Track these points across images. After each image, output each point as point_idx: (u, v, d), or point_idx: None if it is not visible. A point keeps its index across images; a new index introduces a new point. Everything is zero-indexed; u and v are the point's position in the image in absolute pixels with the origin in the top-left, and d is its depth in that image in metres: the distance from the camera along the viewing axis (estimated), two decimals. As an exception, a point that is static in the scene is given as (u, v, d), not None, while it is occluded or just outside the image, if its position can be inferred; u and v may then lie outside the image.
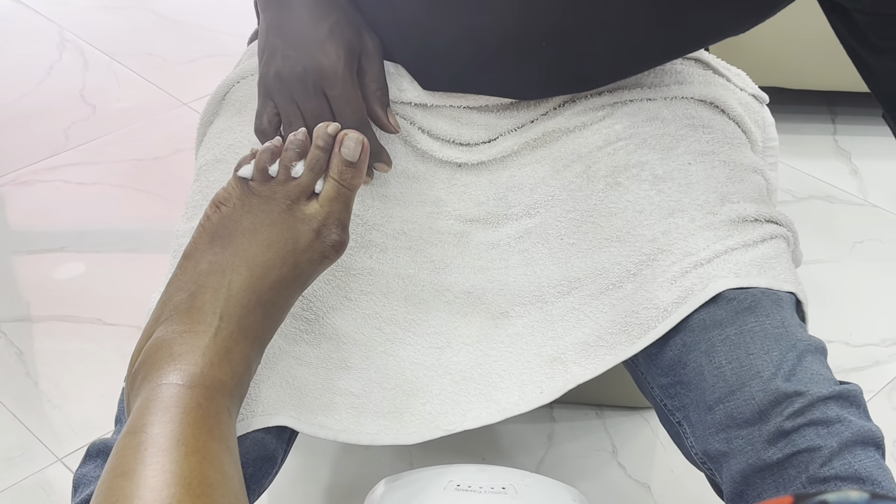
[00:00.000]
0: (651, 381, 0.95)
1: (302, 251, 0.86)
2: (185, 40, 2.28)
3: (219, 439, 0.75)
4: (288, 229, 0.86)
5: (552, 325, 0.98)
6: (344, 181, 0.87)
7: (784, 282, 0.92)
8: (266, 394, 0.90)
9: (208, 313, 0.81)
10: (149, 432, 0.73)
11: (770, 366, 0.86)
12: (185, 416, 0.74)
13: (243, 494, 0.75)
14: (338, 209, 0.87)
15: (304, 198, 0.87)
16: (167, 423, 0.73)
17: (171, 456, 0.71)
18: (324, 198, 0.87)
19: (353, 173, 0.87)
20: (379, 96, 0.98)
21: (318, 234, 0.86)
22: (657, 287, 0.92)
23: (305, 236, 0.86)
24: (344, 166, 0.87)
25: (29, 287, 1.70)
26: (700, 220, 0.94)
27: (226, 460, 0.74)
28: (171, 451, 0.71)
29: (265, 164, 0.86)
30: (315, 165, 0.87)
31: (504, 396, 0.96)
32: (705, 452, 0.89)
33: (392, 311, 0.99)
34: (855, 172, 1.93)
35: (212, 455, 0.73)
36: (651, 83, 1.02)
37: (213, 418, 0.76)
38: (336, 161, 0.87)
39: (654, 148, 0.98)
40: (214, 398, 0.77)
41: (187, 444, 0.72)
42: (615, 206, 0.97)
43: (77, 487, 0.88)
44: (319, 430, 0.92)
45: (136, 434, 0.73)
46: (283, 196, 0.86)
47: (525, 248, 1.01)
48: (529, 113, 1.03)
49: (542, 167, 1.02)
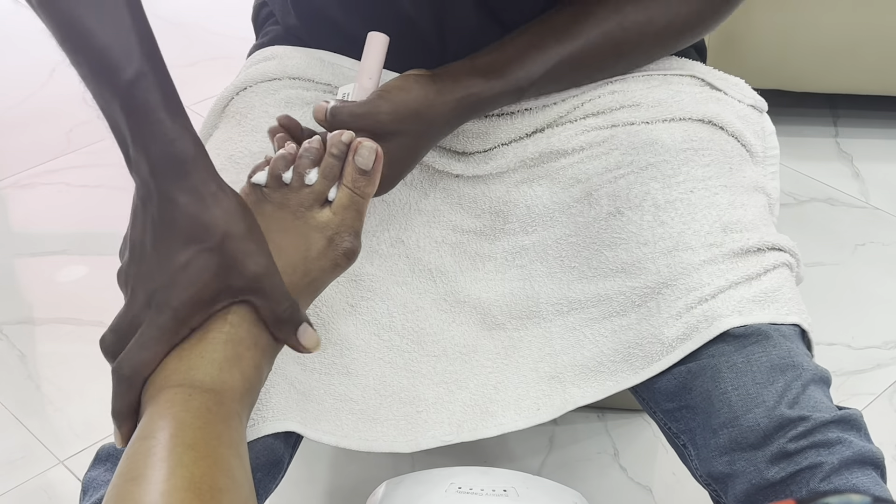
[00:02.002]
0: (654, 405, 0.95)
1: (314, 259, 0.85)
2: (187, 43, 2.29)
3: (228, 444, 0.75)
4: (300, 237, 0.85)
5: (550, 341, 0.98)
6: (357, 189, 0.86)
7: (787, 314, 0.92)
8: (275, 399, 0.90)
9: (218, 319, 0.81)
10: (158, 437, 0.73)
11: (775, 394, 0.87)
12: (195, 422, 0.74)
13: (253, 500, 0.75)
14: (350, 217, 0.87)
15: (318, 205, 0.86)
16: (177, 428, 0.73)
17: (181, 461, 0.71)
18: (337, 205, 0.86)
19: (366, 181, 0.87)
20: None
21: (331, 242, 0.86)
22: (662, 322, 0.93)
23: (318, 244, 0.86)
24: (357, 174, 0.86)
25: (31, 290, 1.70)
26: (703, 254, 0.94)
27: (235, 465, 0.74)
28: (181, 457, 0.71)
29: (279, 171, 0.86)
30: (329, 173, 0.86)
31: (500, 409, 0.97)
32: (709, 474, 0.89)
33: (390, 317, 0.99)
34: (857, 175, 1.93)
35: (222, 460, 0.73)
36: (648, 103, 1.02)
37: (223, 423, 0.76)
38: (350, 169, 0.86)
39: (655, 177, 0.98)
40: (224, 403, 0.77)
41: (197, 450, 0.72)
42: (618, 237, 0.97)
43: (86, 491, 0.88)
44: (324, 436, 0.93)
45: (147, 439, 0.73)
46: (296, 203, 0.86)
47: (522, 264, 1.01)
48: (525, 124, 1.02)
49: (539, 187, 1.01)
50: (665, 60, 1.06)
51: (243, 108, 1.05)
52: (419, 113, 0.92)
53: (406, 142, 0.93)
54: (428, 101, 0.93)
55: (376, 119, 0.91)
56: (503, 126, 1.02)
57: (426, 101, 0.93)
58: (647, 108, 1.02)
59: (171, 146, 0.78)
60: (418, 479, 0.99)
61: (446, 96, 0.93)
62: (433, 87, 0.93)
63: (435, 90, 0.93)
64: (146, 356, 0.77)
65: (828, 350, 1.55)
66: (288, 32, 1.09)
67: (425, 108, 0.93)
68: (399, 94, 0.92)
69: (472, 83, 0.94)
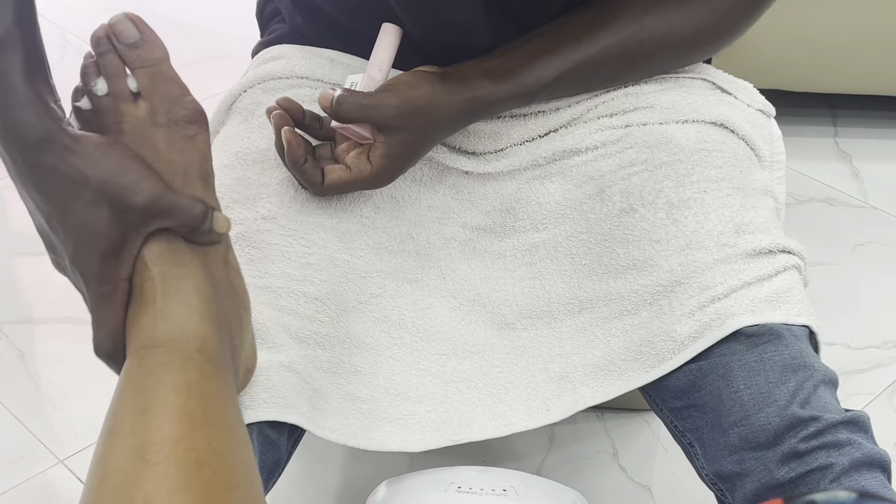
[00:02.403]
0: (661, 403, 0.95)
1: (168, 151, 0.79)
2: (188, 42, 2.29)
3: (185, 390, 0.71)
4: (142, 144, 0.79)
5: (560, 341, 0.98)
6: (148, 62, 0.81)
7: (798, 315, 0.93)
8: (286, 388, 0.89)
9: (141, 267, 0.77)
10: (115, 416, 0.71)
11: (787, 394, 0.87)
12: (146, 383, 0.71)
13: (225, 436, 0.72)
14: (164, 88, 0.80)
15: (131, 105, 0.80)
16: (128, 400, 0.71)
17: (130, 431, 0.69)
18: (144, 88, 0.80)
19: (147, 48, 0.81)
20: None
21: (170, 124, 0.80)
22: (674, 320, 0.93)
23: (159, 136, 0.79)
24: (132, 50, 0.80)
25: (30, 289, 1.70)
26: (716, 253, 0.94)
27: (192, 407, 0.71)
28: (130, 427, 0.69)
29: (77, 102, 0.81)
30: (111, 69, 0.81)
31: (509, 409, 0.97)
32: (717, 473, 0.89)
33: (400, 315, 0.99)
34: (856, 175, 1.93)
35: (175, 410, 0.70)
36: (661, 105, 1.02)
37: (176, 372, 0.72)
38: (124, 51, 0.80)
39: (669, 175, 0.98)
40: (178, 349, 0.74)
41: (146, 412, 0.69)
42: (631, 234, 0.97)
43: None
44: (331, 434, 0.92)
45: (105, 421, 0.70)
46: (113, 121, 0.80)
47: (532, 262, 1.01)
48: (538, 125, 1.02)
49: (551, 184, 1.01)
50: None
51: (251, 105, 1.05)
52: (425, 110, 0.92)
53: (409, 138, 0.93)
54: (435, 100, 0.92)
55: (381, 112, 0.91)
56: (516, 127, 1.02)
57: (433, 99, 0.92)
58: (661, 110, 1.02)
59: (21, 111, 0.75)
60: (418, 478, 0.99)
61: (454, 96, 0.93)
62: (441, 86, 0.93)
63: (443, 89, 0.93)
64: (106, 329, 0.76)
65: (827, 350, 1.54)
66: (294, 31, 1.09)
67: (432, 105, 0.92)
68: (406, 90, 0.92)
69: (481, 85, 0.94)
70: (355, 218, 0.99)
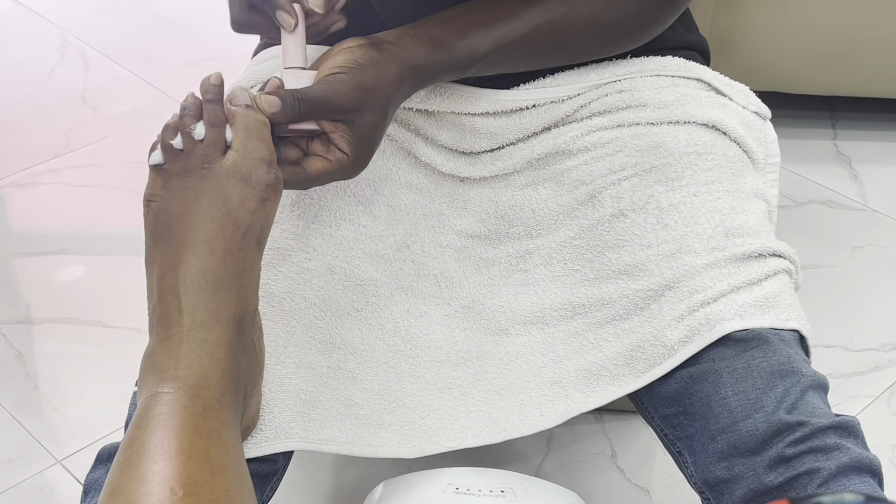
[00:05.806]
0: (652, 410, 0.95)
1: (237, 206, 0.82)
2: (187, 43, 2.29)
3: (206, 435, 0.74)
4: (215, 193, 0.82)
5: (553, 347, 0.98)
6: (250, 120, 0.84)
7: (787, 319, 0.93)
8: (278, 419, 0.91)
9: (174, 314, 0.79)
10: (135, 447, 0.73)
11: (774, 400, 0.87)
12: (169, 421, 0.74)
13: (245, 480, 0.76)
14: (255, 147, 0.83)
15: (219, 154, 0.83)
16: (151, 433, 0.74)
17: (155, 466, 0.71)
18: (237, 143, 0.83)
19: (255, 112, 0.84)
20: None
21: (247, 181, 0.82)
22: (664, 325, 0.93)
23: (235, 189, 0.82)
24: (239, 108, 0.84)
25: (29, 289, 1.70)
26: (706, 257, 0.94)
27: (214, 454, 0.73)
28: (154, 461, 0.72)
29: (169, 140, 0.84)
30: (214, 118, 0.84)
31: (503, 415, 0.97)
32: (705, 481, 0.90)
33: (395, 322, 0.99)
34: (855, 177, 1.93)
35: (197, 453, 0.73)
36: (654, 104, 1.02)
37: (198, 416, 0.75)
38: (230, 107, 0.84)
39: (659, 180, 0.98)
40: (199, 395, 0.76)
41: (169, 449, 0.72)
42: (622, 239, 0.97)
43: (88, 493, 0.89)
44: (324, 446, 0.93)
45: (124, 451, 0.74)
46: (198, 163, 0.83)
47: (527, 269, 1.01)
48: (533, 121, 1.03)
49: (544, 189, 1.02)
50: (672, 63, 1.06)
51: None
52: (377, 88, 0.90)
53: (371, 118, 0.90)
54: (383, 76, 0.90)
55: (341, 101, 0.88)
56: (512, 124, 1.02)
57: (381, 75, 0.90)
58: (653, 110, 1.02)
59: None
60: (416, 479, 0.99)
61: (398, 67, 0.91)
62: (382, 59, 0.91)
63: (384, 61, 0.91)
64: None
65: (826, 352, 1.55)
66: None
67: (382, 81, 0.90)
68: (356, 73, 0.89)
69: (416, 54, 0.92)
70: (352, 227, 0.99)
